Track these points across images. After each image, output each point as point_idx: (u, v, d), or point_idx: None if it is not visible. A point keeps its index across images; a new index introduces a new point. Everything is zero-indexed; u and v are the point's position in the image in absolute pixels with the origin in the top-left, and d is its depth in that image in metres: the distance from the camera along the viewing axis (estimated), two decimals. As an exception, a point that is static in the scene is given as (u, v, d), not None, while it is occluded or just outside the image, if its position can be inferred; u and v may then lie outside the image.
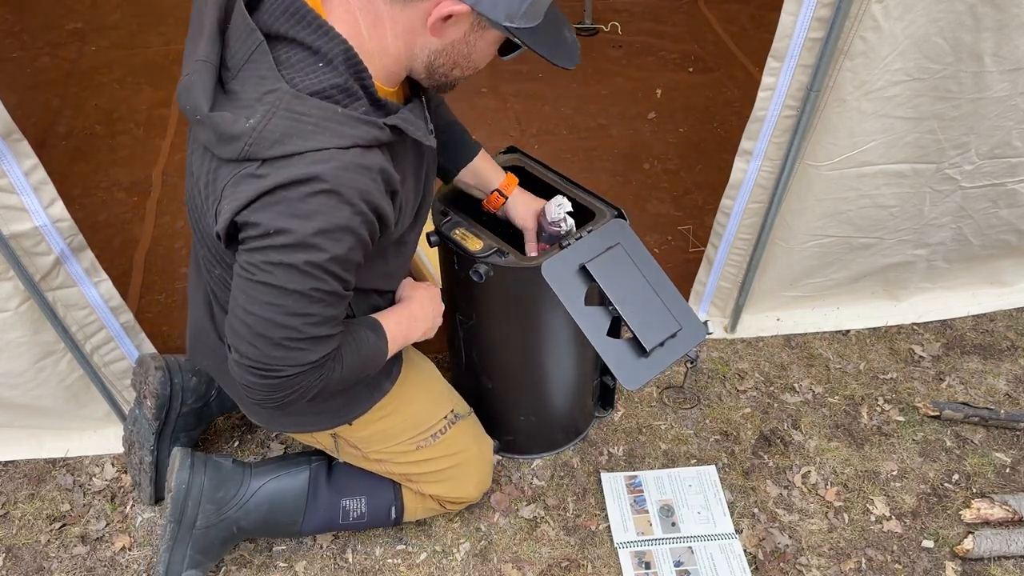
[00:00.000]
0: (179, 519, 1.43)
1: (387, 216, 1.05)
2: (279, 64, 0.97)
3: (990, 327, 2.06)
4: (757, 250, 1.80)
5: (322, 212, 0.96)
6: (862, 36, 1.39)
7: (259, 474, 1.50)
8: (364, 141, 0.98)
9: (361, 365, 1.20)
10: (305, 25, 0.97)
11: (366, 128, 0.99)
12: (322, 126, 0.96)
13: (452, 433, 1.48)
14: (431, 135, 1.10)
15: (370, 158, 0.99)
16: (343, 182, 0.96)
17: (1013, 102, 1.57)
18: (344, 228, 0.98)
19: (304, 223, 0.96)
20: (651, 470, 1.74)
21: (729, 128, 2.75)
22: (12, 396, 1.62)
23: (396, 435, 1.43)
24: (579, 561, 1.59)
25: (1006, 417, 1.78)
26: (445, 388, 1.55)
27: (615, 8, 3.41)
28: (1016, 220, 1.86)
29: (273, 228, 0.96)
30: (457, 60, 1.05)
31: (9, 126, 1.29)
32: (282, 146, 0.94)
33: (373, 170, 0.99)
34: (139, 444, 1.60)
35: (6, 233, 1.37)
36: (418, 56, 1.04)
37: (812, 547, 1.60)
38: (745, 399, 1.89)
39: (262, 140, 0.94)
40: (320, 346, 1.07)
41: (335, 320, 1.08)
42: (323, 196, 0.95)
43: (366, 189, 0.99)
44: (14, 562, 1.61)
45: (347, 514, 1.52)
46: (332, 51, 0.98)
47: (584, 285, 1.31)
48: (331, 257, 0.99)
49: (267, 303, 1.01)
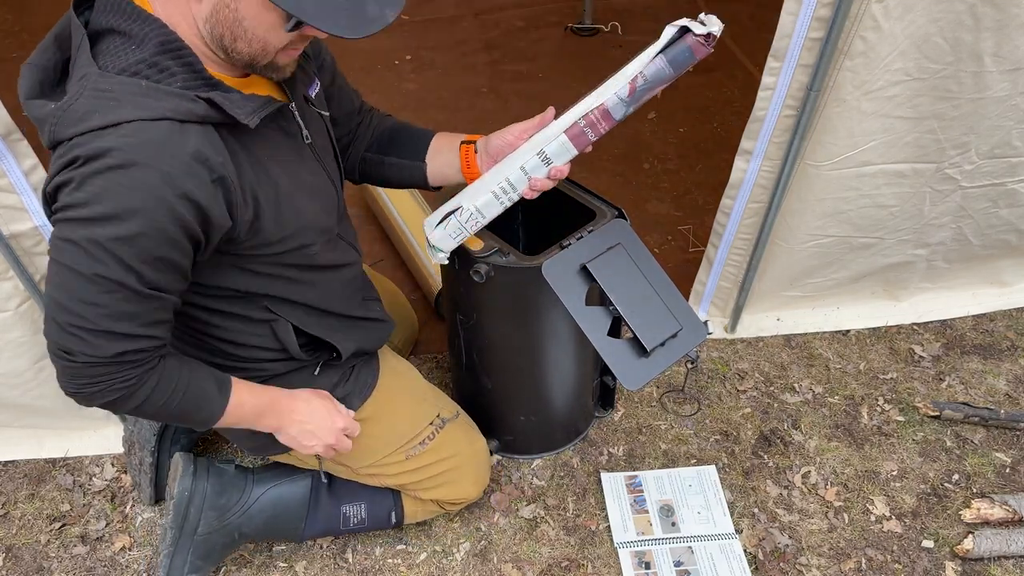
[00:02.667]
0: (181, 525, 1.42)
1: (208, 208, 0.98)
2: (99, 54, 0.98)
3: (990, 327, 2.06)
4: (757, 250, 1.80)
5: (111, 190, 0.92)
6: (862, 36, 1.39)
7: (261, 481, 1.48)
8: (176, 115, 0.94)
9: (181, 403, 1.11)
10: (121, 13, 0.97)
11: (176, 100, 0.95)
12: (124, 99, 0.93)
13: (441, 438, 1.47)
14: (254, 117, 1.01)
15: (185, 138, 0.95)
16: (142, 159, 0.92)
17: (1013, 102, 1.57)
18: (135, 211, 0.93)
19: (91, 198, 0.92)
20: (651, 470, 1.74)
21: (729, 128, 2.75)
22: (12, 396, 1.62)
23: (382, 448, 1.43)
24: (579, 561, 1.59)
25: (1006, 417, 1.78)
26: (429, 393, 1.53)
27: (615, 8, 3.41)
28: (1016, 220, 1.86)
29: (64, 203, 0.94)
30: (232, 29, 0.97)
31: (9, 126, 1.30)
32: (84, 123, 0.93)
33: (185, 152, 0.94)
34: (140, 445, 1.60)
35: (6, 233, 1.37)
36: (201, 30, 0.99)
37: (812, 547, 1.60)
38: (745, 399, 1.89)
39: (65, 120, 0.94)
40: (115, 343, 1.01)
41: (138, 319, 1.01)
42: (116, 173, 0.92)
43: (171, 173, 0.93)
44: (14, 562, 1.61)
45: (347, 520, 1.52)
46: (143, 31, 0.97)
47: (585, 285, 1.31)
48: (115, 238, 0.94)
49: (58, 284, 0.99)
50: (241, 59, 1.01)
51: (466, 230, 1.29)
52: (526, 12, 3.46)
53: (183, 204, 0.96)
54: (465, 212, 1.27)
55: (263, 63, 1.02)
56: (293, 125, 1.15)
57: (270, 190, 1.09)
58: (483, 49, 3.25)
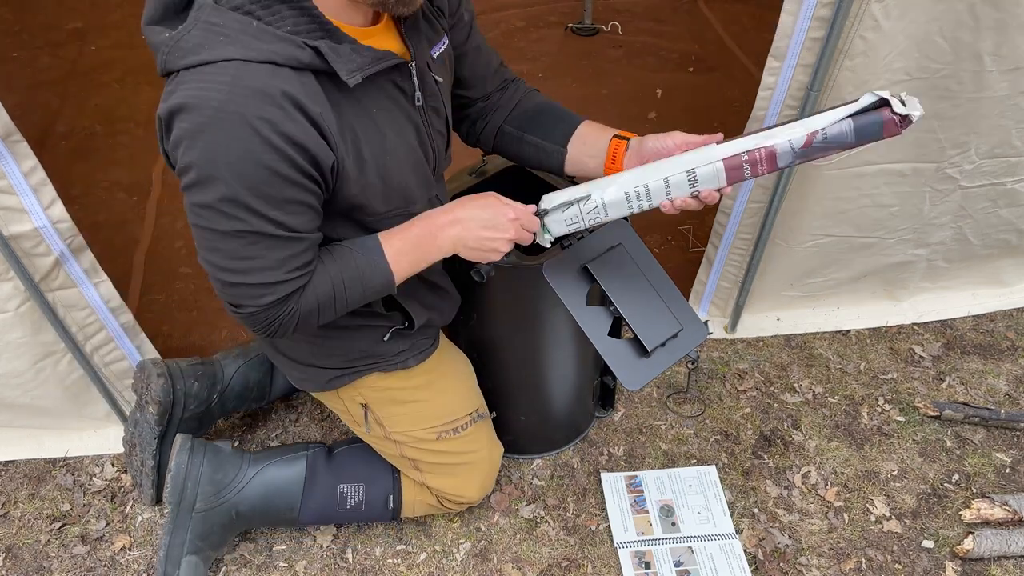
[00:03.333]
0: (179, 501, 1.46)
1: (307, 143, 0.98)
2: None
3: (990, 327, 2.06)
4: (757, 250, 1.79)
5: (217, 144, 0.94)
6: (862, 36, 1.39)
7: (257, 460, 1.52)
8: (280, 58, 0.95)
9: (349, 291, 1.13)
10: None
11: (282, 44, 0.95)
12: (234, 38, 0.94)
13: (472, 431, 1.49)
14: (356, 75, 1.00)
15: (277, 80, 0.95)
16: (239, 107, 0.93)
17: (1013, 101, 1.57)
18: (243, 160, 0.95)
19: (202, 159, 0.95)
20: (651, 470, 1.74)
21: (729, 128, 2.74)
22: (12, 396, 1.62)
23: (425, 420, 1.44)
24: (579, 561, 1.59)
25: (1006, 417, 1.78)
26: (475, 386, 1.56)
27: (615, 8, 3.41)
28: (1016, 220, 1.86)
29: (182, 165, 0.97)
30: None
31: (9, 127, 1.29)
32: (194, 55, 0.94)
33: (275, 93, 0.94)
34: (141, 447, 1.60)
35: (6, 234, 1.37)
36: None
37: (812, 547, 1.60)
38: (745, 399, 1.89)
39: (177, 50, 0.95)
40: (273, 290, 1.05)
41: (287, 265, 1.05)
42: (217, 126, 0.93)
43: (266, 115, 0.94)
44: (14, 562, 1.61)
45: (344, 501, 1.52)
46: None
47: (585, 285, 1.31)
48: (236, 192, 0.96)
49: (208, 247, 1.03)
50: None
51: (584, 221, 1.20)
52: (526, 12, 3.46)
53: (283, 141, 0.96)
54: (591, 203, 1.17)
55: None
56: (408, 84, 1.13)
57: (376, 140, 1.09)
58: (483, 49, 3.24)
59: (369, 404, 1.43)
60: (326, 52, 0.97)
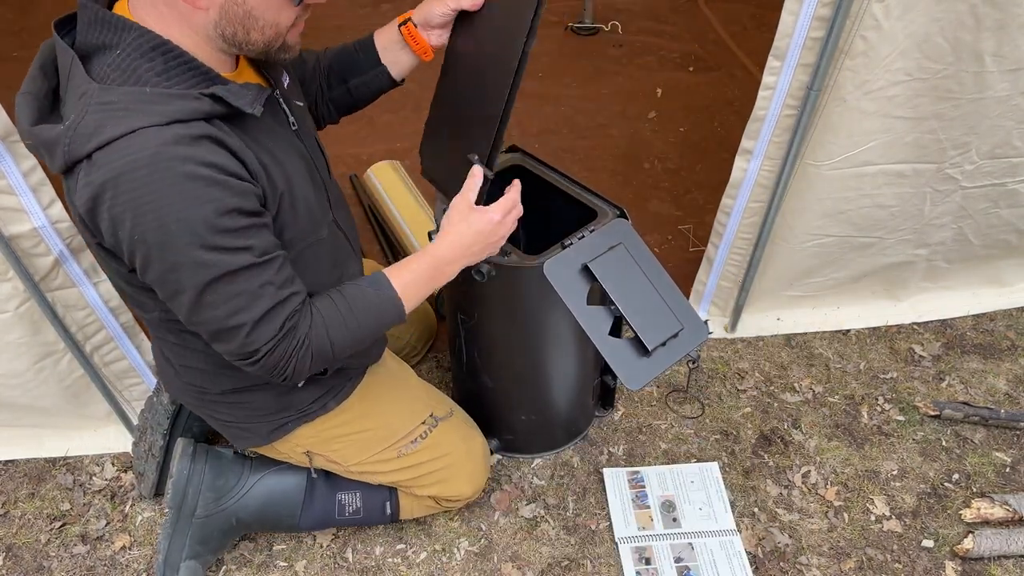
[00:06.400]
0: (179, 506, 1.46)
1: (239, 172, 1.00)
2: (93, 71, 0.99)
3: (990, 327, 2.06)
4: (757, 249, 1.80)
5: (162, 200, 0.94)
6: (863, 35, 1.39)
7: (258, 467, 1.51)
8: (184, 115, 0.96)
9: (361, 322, 1.16)
10: (106, 26, 0.98)
11: (181, 102, 0.97)
12: (133, 109, 0.95)
13: (435, 436, 1.47)
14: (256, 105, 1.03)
15: (191, 130, 0.96)
16: (165, 160, 0.94)
17: (1014, 102, 1.57)
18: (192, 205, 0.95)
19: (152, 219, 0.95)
20: (653, 466, 1.74)
21: (729, 127, 2.75)
22: (12, 396, 1.61)
23: (371, 446, 1.43)
24: (579, 560, 1.59)
25: (1006, 417, 1.78)
26: (422, 392, 1.53)
27: (615, 8, 3.41)
28: (1016, 220, 1.86)
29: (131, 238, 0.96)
30: (244, 23, 1.01)
31: (9, 127, 1.29)
32: (100, 136, 0.94)
33: (196, 136, 0.96)
34: (152, 429, 1.60)
35: (5, 234, 1.37)
36: (209, 34, 1.02)
37: (812, 546, 1.61)
38: (745, 399, 1.89)
39: (79, 137, 0.95)
40: (274, 317, 1.06)
41: (273, 285, 1.05)
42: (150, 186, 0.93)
43: (194, 154, 0.95)
44: (14, 561, 1.61)
45: (343, 508, 1.52)
46: (133, 40, 0.98)
47: (586, 285, 1.31)
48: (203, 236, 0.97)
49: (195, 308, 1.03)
50: (256, 48, 1.05)
51: None
52: (526, 11, 3.46)
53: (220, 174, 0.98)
54: None
55: (277, 46, 1.06)
56: (280, 112, 1.18)
57: (279, 170, 1.11)
58: (483, 48, 3.24)
59: (311, 449, 1.41)
60: (223, 94, 0.99)
